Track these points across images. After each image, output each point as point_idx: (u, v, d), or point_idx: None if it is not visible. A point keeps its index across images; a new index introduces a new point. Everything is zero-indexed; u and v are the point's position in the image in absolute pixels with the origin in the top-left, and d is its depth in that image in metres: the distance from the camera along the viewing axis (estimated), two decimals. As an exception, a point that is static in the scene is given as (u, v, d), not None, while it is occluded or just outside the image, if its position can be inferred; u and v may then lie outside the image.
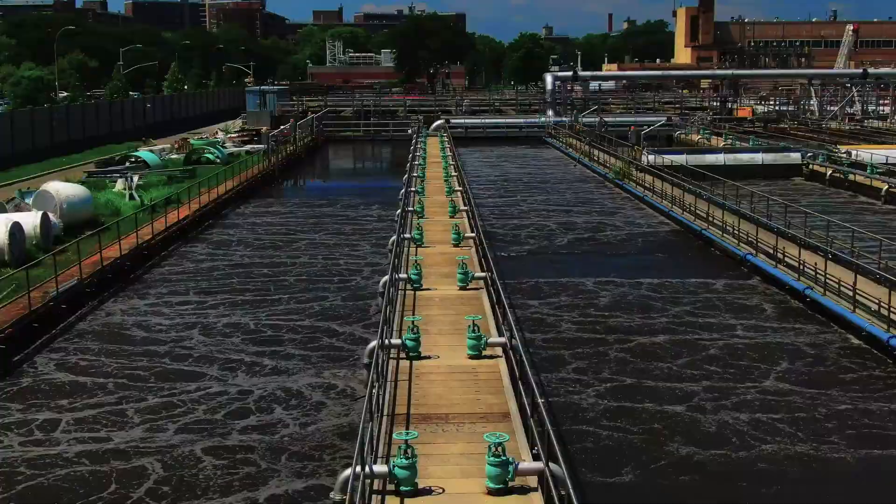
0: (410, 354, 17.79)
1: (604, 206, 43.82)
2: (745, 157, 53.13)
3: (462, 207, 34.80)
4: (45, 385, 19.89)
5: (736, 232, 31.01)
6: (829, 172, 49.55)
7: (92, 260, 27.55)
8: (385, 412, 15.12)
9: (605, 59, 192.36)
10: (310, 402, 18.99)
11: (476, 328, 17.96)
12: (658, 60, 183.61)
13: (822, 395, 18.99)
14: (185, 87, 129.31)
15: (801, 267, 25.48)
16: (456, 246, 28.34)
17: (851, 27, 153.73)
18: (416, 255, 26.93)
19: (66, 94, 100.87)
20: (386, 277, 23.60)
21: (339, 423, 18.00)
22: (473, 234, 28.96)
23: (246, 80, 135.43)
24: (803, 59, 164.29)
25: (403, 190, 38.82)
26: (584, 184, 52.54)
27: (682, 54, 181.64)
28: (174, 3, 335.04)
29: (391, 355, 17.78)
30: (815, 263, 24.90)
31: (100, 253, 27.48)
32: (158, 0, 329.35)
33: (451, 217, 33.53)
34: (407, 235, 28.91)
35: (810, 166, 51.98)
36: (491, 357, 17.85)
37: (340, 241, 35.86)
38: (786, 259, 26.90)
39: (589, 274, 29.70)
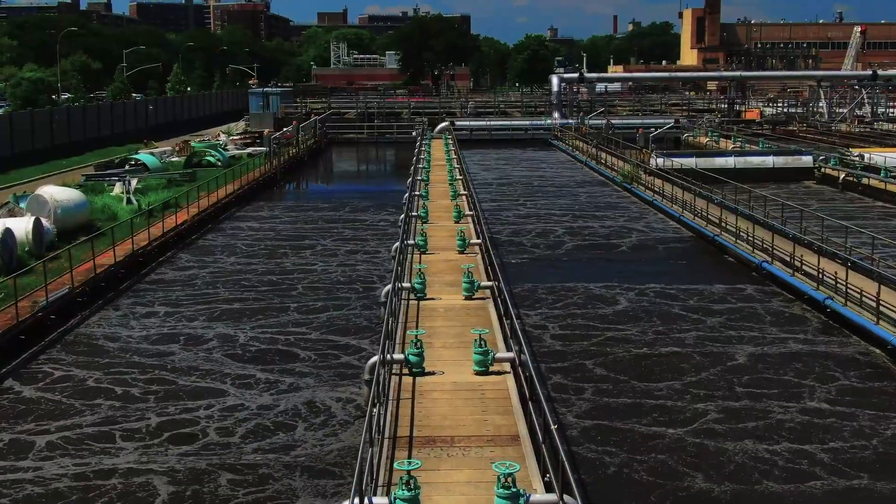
0: (413, 370, 16.89)
1: (612, 211, 42.86)
2: (755, 161, 52.13)
3: (467, 212, 33.93)
4: (27, 404, 18.82)
5: (750, 238, 30.03)
6: (842, 176, 48.53)
7: (85, 267, 26.66)
8: (386, 434, 14.22)
9: (611, 60, 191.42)
10: (336, 420, 18.09)
11: (483, 343, 17.05)
12: (664, 62, 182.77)
13: (854, 415, 17.95)
14: (189, 88, 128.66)
15: (820, 275, 24.50)
16: (461, 253, 27.47)
17: (859, 28, 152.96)
18: (419, 262, 26.06)
19: (68, 95, 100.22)
20: (388, 286, 22.72)
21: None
22: (479, 241, 28.06)
23: (250, 81, 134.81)
24: (810, 61, 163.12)
25: (407, 194, 37.94)
26: (591, 187, 51.59)
27: (688, 56, 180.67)
28: (178, 5, 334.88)
29: (393, 371, 16.91)
30: (836, 272, 23.91)
31: (93, 260, 26.55)
32: (162, 2, 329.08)
33: (456, 222, 32.65)
34: (411, 242, 28.03)
35: (822, 170, 50.96)
36: (498, 373, 16.94)
37: (356, 248, 34.73)
38: (803, 267, 25.91)
39: (598, 281, 28.73)
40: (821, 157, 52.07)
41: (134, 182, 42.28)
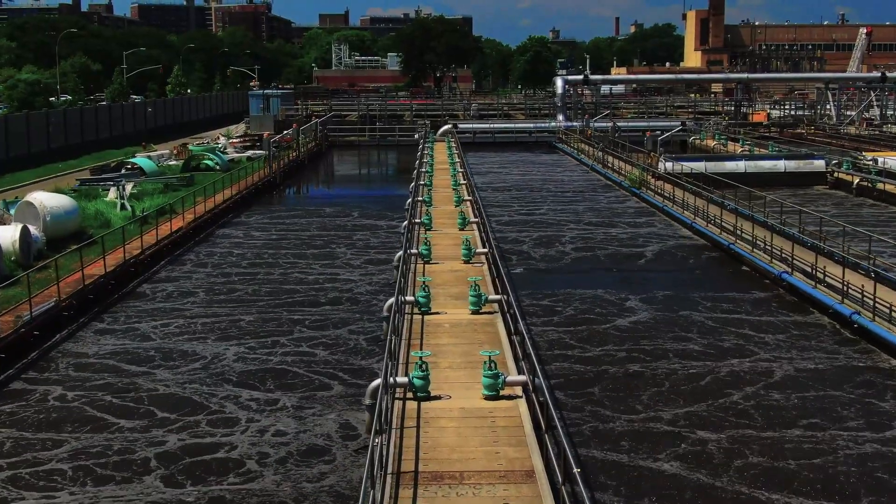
0: (418, 394, 15.71)
1: (620, 217, 41.56)
2: (766, 165, 50.83)
3: (472, 219, 32.76)
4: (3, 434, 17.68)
5: (768, 247, 28.77)
6: (857, 181, 47.25)
7: (73, 278, 25.45)
8: (389, 469, 13.03)
9: (615, 62, 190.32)
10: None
11: (493, 365, 15.86)
12: (668, 64, 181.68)
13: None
14: (189, 90, 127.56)
15: (846, 288, 23.27)
16: (466, 262, 26.29)
17: (865, 30, 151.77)
18: (423, 273, 24.92)
19: (67, 97, 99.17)
20: (391, 300, 21.54)
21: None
22: (486, 250, 26.87)
23: (252, 84, 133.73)
24: (815, 63, 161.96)
25: (410, 199, 36.77)
26: (598, 192, 50.32)
27: (692, 58, 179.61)
28: (180, 7, 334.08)
29: (396, 395, 15.74)
30: (863, 285, 22.69)
31: (81, 271, 25.31)
32: (164, 4, 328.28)
33: (461, 229, 31.46)
34: (414, 251, 26.85)
35: (835, 174, 49.68)
36: (510, 398, 15.75)
37: (365, 256, 33.38)
38: (826, 278, 24.68)
39: (608, 292, 27.45)
40: (833, 161, 50.80)
41: (129, 187, 41.12)
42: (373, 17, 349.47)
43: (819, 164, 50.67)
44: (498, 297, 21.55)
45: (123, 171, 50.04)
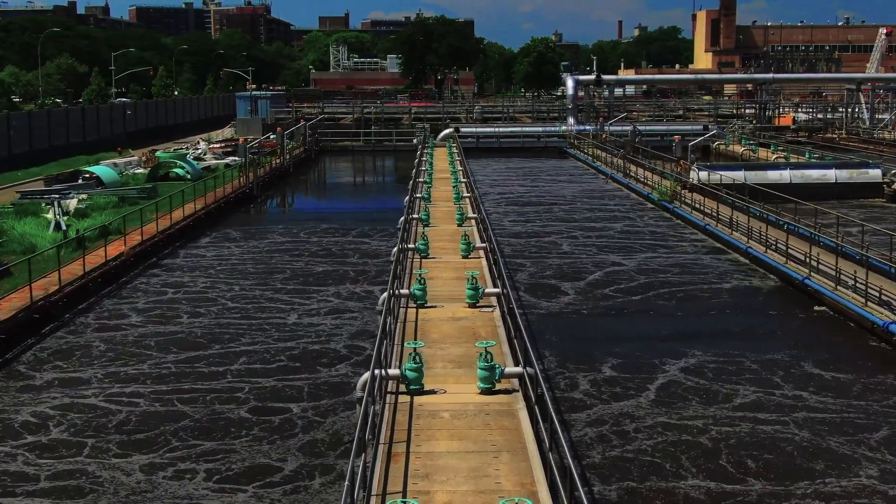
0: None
1: (656, 239, 35.05)
2: (814, 175, 44.33)
3: (479, 244, 26.51)
4: None
5: (859, 285, 22.38)
6: (922, 194, 41.02)
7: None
8: None
9: (622, 64, 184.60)
10: None
11: (520, 520, 9.60)
12: (677, 66, 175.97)
13: None
14: (177, 91, 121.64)
15: None
16: (473, 306, 20.02)
17: (884, 31, 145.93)
18: (415, 322, 18.78)
19: (55, 99, 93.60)
20: (366, 375, 15.18)
21: None
22: (497, 290, 20.56)
23: (247, 85, 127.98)
24: (831, 65, 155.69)
25: (402, 218, 30.43)
26: (623, 207, 43.83)
27: (702, 59, 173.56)
28: (178, 9, 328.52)
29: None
30: None
31: (-41, 321, 19.01)
32: (162, 6, 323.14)
33: (465, 258, 25.21)
34: (404, 291, 20.57)
35: (894, 185, 43.33)
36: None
37: (359, 299, 27.27)
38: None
39: (655, 353, 21.09)
40: (892, 171, 44.42)
41: (73, 202, 34.87)
42: (374, 21, 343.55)
43: (875, 174, 44.25)
44: (518, 370, 15.26)
45: (81, 181, 43.93)
